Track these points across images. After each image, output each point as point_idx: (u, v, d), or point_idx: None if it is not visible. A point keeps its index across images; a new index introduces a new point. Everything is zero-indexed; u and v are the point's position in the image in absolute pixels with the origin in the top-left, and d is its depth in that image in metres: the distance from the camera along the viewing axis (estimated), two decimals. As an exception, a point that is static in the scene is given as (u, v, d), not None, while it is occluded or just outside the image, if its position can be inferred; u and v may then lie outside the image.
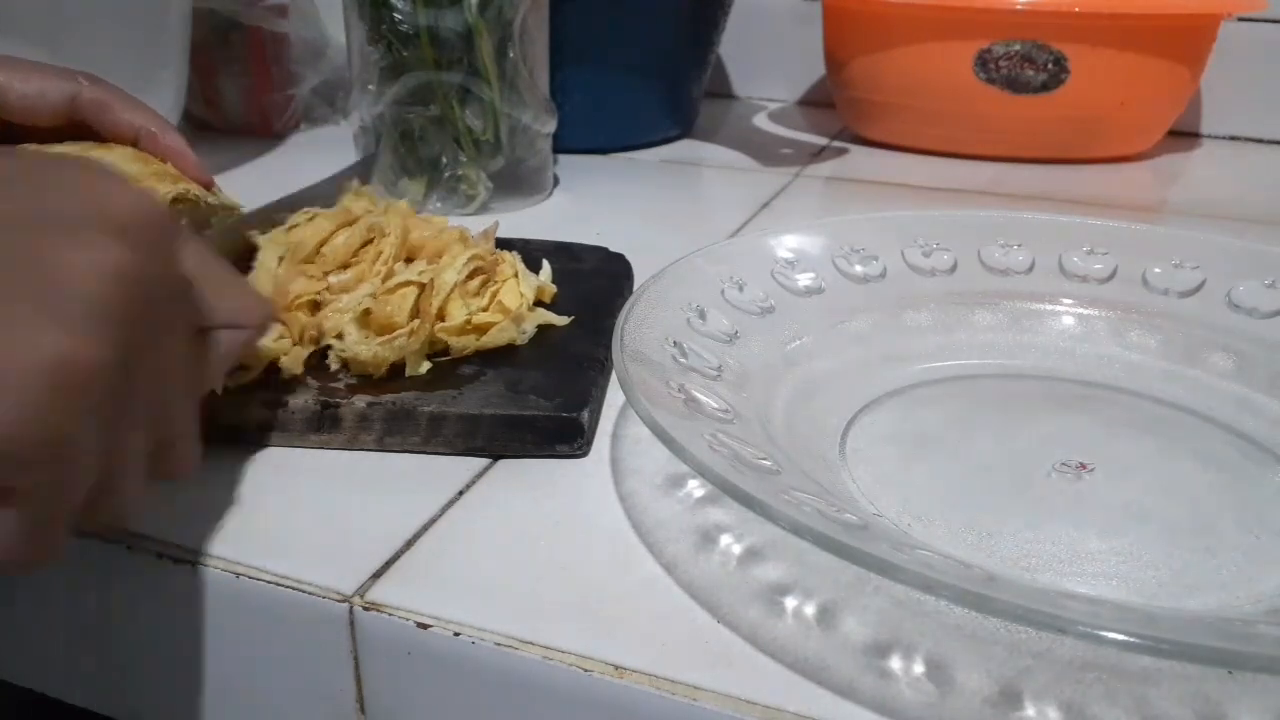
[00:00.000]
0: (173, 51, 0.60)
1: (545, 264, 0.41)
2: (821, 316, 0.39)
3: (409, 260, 0.39)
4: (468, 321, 0.36)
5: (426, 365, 0.35)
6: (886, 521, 0.29)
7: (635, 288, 0.38)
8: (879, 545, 0.23)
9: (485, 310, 0.37)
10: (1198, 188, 0.66)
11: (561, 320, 0.39)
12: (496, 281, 0.39)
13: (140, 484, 0.24)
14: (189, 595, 0.28)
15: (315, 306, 0.36)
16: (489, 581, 0.27)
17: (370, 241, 0.39)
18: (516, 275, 0.39)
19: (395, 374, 0.35)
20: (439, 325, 0.36)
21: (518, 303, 0.38)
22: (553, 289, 0.41)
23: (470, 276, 0.38)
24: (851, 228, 0.42)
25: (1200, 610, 0.26)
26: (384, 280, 0.37)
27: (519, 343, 0.37)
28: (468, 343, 0.36)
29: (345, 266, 0.38)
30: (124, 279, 0.22)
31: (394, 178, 0.56)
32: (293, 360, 0.35)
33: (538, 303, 0.40)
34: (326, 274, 0.37)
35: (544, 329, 0.38)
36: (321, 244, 0.38)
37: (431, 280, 0.36)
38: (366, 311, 0.35)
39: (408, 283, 0.36)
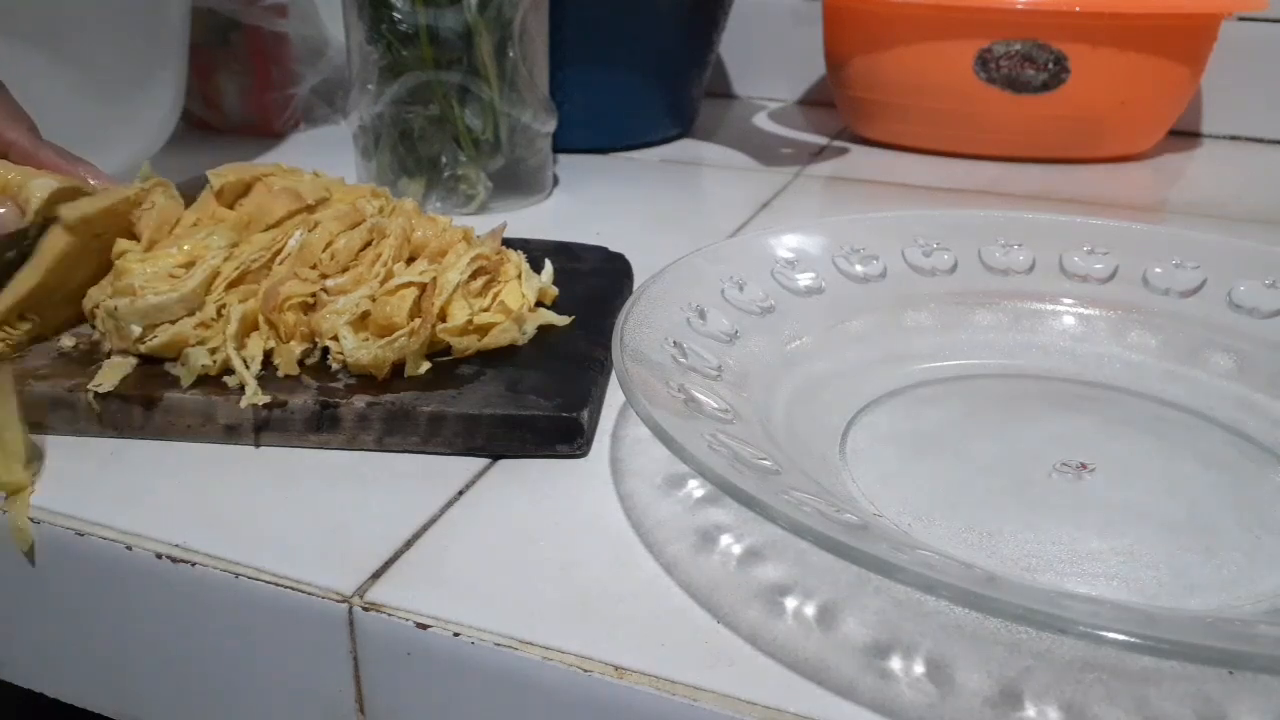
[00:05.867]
0: (172, 51, 0.60)
1: (547, 264, 0.41)
2: (821, 316, 0.38)
3: (411, 260, 0.39)
4: (469, 322, 0.36)
5: (426, 365, 0.35)
6: (886, 521, 0.29)
7: (635, 288, 0.38)
8: (879, 545, 0.23)
9: (487, 310, 0.37)
10: (1198, 188, 0.66)
11: (563, 320, 0.39)
12: (500, 282, 0.39)
13: None
14: (189, 595, 0.28)
15: (309, 307, 0.36)
16: (489, 581, 0.27)
17: (370, 243, 0.39)
18: (520, 276, 0.39)
19: (395, 374, 0.35)
20: (441, 326, 0.35)
21: (519, 303, 0.38)
22: (554, 291, 0.41)
23: (473, 277, 0.38)
24: (851, 228, 0.42)
25: (1200, 610, 0.26)
26: (382, 282, 0.36)
27: (520, 343, 0.37)
28: (469, 343, 0.36)
29: (346, 269, 0.38)
30: None
31: (393, 177, 0.56)
32: (285, 359, 0.35)
33: (538, 303, 0.40)
34: (325, 276, 0.37)
35: (544, 329, 0.38)
36: (328, 246, 0.38)
37: (434, 280, 0.36)
38: (365, 314, 0.35)
39: (408, 284, 0.36)
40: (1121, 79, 0.65)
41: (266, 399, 0.33)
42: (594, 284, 0.43)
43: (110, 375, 0.34)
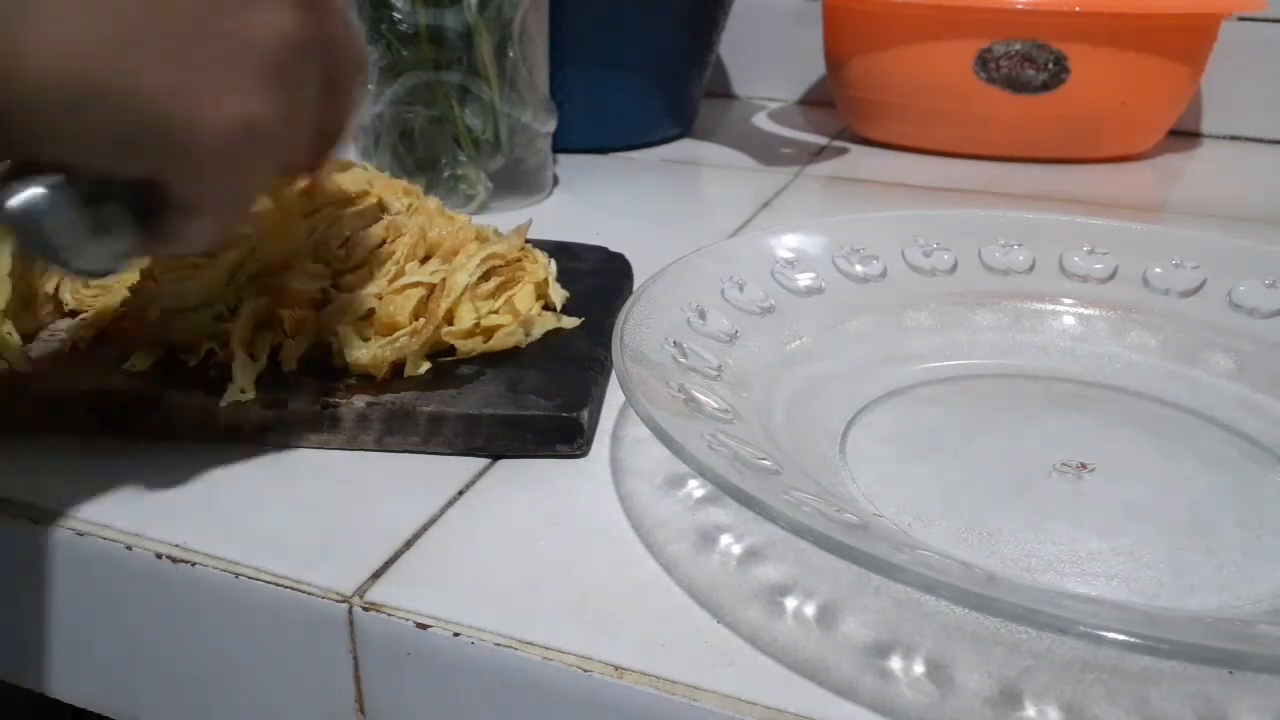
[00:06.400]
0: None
1: (551, 263, 0.41)
2: (821, 316, 0.39)
3: (427, 258, 0.39)
4: (476, 325, 0.36)
5: (426, 365, 0.35)
6: (886, 521, 0.29)
7: (635, 288, 0.38)
8: (879, 545, 0.23)
9: (495, 313, 0.37)
10: (1198, 188, 0.66)
11: (572, 323, 0.38)
12: (517, 282, 0.38)
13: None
14: (189, 595, 0.28)
15: (319, 303, 0.36)
16: (489, 581, 0.27)
17: (386, 240, 0.39)
18: (546, 280, 0.39)
19: (395, 374, 0.35)
20: (447, 330, 0.35)
21: (529, 306, 0.38)
22: (564, 293, 0.40)
23: (485, 278, 0.37)
24: (851, 228, 0.42)
25: (1200, 610, 0.26)
26: (391, 281, 0.36)
27: (522, 345, 0.37)
28: (474, 345, 0.36)
29: (358, 266, 0.38)
30: (293, 40, 0.27)
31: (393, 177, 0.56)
32: (287, 355, 0.35)
33: (545, 305, 0.39)
34: (338, 273, 0.37)
35: (544, 329, 0.38)
36: (344, 242, 0.38)
37: (443, 281, 0.36)
38: (371, 312, 0.35)
39: (416, 284, 0.36)
40: (1121, 79, 0.65)
41: (249, 397, 0.33)
42: (594, 284, 0.43)
43: (141, 360, 0.35)
